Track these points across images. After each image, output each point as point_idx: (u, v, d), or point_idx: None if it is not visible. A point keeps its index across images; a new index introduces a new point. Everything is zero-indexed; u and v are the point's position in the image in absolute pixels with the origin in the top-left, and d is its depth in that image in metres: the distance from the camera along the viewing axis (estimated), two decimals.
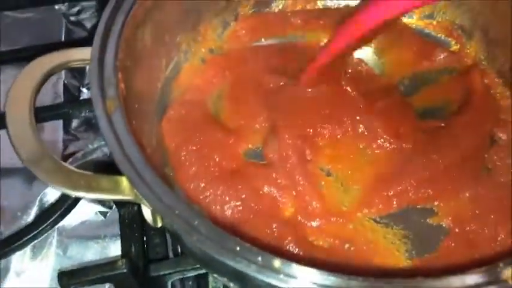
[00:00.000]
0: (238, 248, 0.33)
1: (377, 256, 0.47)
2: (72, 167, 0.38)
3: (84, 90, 0.69)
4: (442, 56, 0.61)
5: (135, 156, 0.38)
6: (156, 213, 0.38)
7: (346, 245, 0.48)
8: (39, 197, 0.57)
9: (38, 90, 0.42)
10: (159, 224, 0.41)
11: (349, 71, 0.59)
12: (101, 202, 0.58)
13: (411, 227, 0.50)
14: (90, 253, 0.56)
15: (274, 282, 0.33)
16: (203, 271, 0.49)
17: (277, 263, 0.33)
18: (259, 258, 0.33)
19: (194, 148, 0.51)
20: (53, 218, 0.53)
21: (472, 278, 0.34)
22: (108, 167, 0.58)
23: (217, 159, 0.51)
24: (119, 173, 0.38)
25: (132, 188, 0.38)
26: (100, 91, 0.40)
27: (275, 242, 0.46)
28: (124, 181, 0.38)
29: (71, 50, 0.45)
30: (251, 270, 0.33)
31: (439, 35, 0.64)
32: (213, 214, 0.48)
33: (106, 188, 0.38)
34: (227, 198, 0.49)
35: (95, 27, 0.75)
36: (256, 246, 0.34)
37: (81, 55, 0.44)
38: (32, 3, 0.73)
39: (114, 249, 0.56)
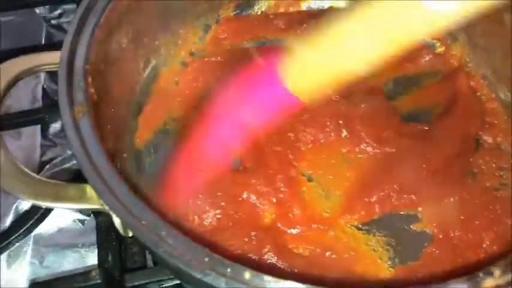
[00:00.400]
0: (206, 259, 0.32)
1: (359, 264, 0.46)
2: (37, 176, 0.37)
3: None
4: (426, 58, 0.60)
5: (102, 164, 0.36)
6: (122, 223, 0.36)
7: (327, 253, 0.46)
8: (14, 205, 0.56)
9: (4, 94, 0.40)
10: (130, 234, 0.39)
11: None
12: (78, 209, 0.57)
13: (394, 234, 0.48)
14: (68, 262, 0.54)
15: None
16: (178, 281, 0.47)
17: (247, 274, 0.32)
18: (229, 270, 0.32)
19: None
20: (28, 225, 0.52)
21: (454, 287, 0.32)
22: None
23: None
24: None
25: (98, 197, 0.36)
26: (68, 96, 0.39)
27: (254, 250, 0.45)
28: (90, 190, 0.37)
29: (43, 53, 0.43)
30: (220, 283, 0.31)
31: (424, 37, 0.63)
32: (190, 222, 0.46)
33: (73, 197, 0.36)
34: (206, 207, 0.47)
35: None
36: (233, 255, 0.32)
37: (51, 59, 0.43)
38: (13, 7, 0.72)
39: (93, 258, 0.54)
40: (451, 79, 0.57)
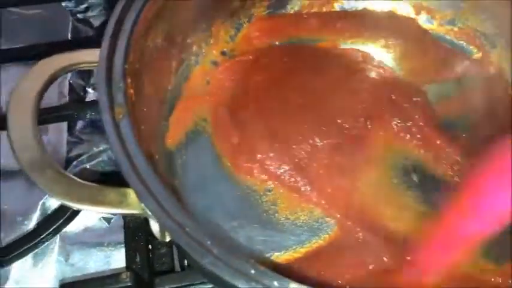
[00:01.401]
0: (252, 272, 0.31)
1: None
2: (74, 177, 0.36)
3: (90, 90, 0.67)
4: (463, 65, 0.59)
5: (143, 168, 0.36)
6: (163, 229, 0.35)
7: None
8: (41, 202, 0.55)
9: (42, 93, 0.39)
10: (168, 239, 0.38)
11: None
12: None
13: None
14: (93, 261, 0.54)
15: None
16: (210, 286, 0.47)
17: (293, 286, 0.31)
18: (275, 283, 0.31)
19: None
20: (56, 225, 0.51)
21: None
22: (114, 176, 0.57)
23: None
24: (125, 184, 0.36)
25: (140, 202, 0.35)
26: (108, 97, 0.38)
27: None
28: (131, 194, 0.36)
29: (78, 51, 0.43)
30: None
31: (460, 42, 0.61)
32: None
33: (113, 201, 0.36)
34: None
35: (102, 25, 0.74)
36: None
37: (88, 57, 0.42)
38: (39, 0, 0.71)
39: (118, 257, 0.54)
40: (490, 87, 0.56)
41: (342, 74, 0.58)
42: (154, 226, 0.38)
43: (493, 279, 0.44)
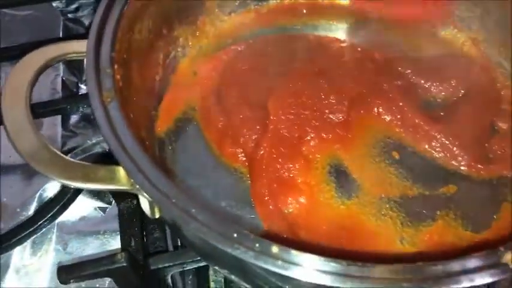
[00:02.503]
0: (235, 235, 0.33)
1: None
2: (69, 158, 0.38)
3: (83, 86, 0.69)
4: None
5: (131, 146, 0.38)
6: (153, 202, 0.37)
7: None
8: (38, 193, 0.57)
9: (33, 83, 0.41)
10: (157, 215, 0.40)
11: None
12: (100, 198, 0.58)
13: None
14: (90, 248, 0.56)
15: (272, 268, 0.33)
16: (203, 263, 0.48)
17: (275, 249, 0.33)
18: (257, 245, 0.33)
19: None
20: (52, 212, 0.53)
21: (472, 262, 0.33)
22: (106, 160, 0.59)
23: None
24: (116, 164, 0.38)
25: (129, 178, 0.37)
26: (96, 83, 0.40)
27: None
28: (121, 171, 0.38)
29: (67, 42, 0.45)
30: (249, 257, 0.32)
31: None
32: None
33: (103, 178, 0.38)
34: None
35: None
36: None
37: (76, 47, 0.44)
38: (31, 1, 0.73)
39: (114, 244, 0.56)
40: (468, 67, 0.58)
41: (325, 60, 0.60)
42: (144, 204, 0.40)
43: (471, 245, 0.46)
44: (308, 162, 0.51)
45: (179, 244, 0.53)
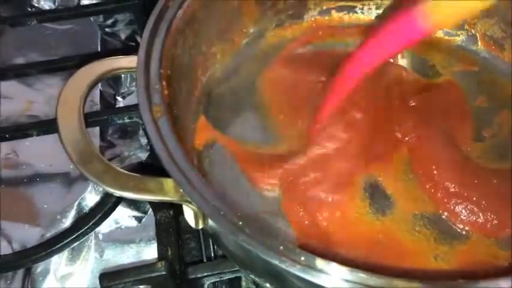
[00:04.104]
0: (282, 248, 0.34)
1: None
2: (120, 169, 0.40)
3: (119, 98, 0.72)
4: None
5: (180, 159, 0.39)
6: (201, 213, 0.39)
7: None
8: (77, 202, 0.59)
9: (86, 95, 0.43)
10: (200, 226, 0.42)
11: None
12: (136, 207, 0.60)
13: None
14: (126, 256, 0.58)
15: (316, 281, 0.34)
16: (238, 274, 0.50)
17: (319, 262, 0.34)
18: (302, 258, 0.34)
19: None
20: (92, 222, 0.55)
21: (504, 283, 0.34)
22: (144, 170, 0.61)
23: None
24: (162, 175, 0.40)
25: (177, 190, 0.39)
26: (147, 98, 0.42)
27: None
28: (169, 183, 0.40)
29: (116, 58, 0.47)
30: (295, 270, 0.34)
31: None
32: None
33: (153, 189, 0.39)
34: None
35: (128, 38, 0.79)
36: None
37: (127, 63, 0.46)
38: (70, 16, 0.76)
39: (149, 253, 0.58)
40: None
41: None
42: (189, 215, 0.41)
43: (506, 264, 0.47)
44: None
45: (213, 255, 0.55)
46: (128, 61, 0.46)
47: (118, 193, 0.39)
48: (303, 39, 0.65)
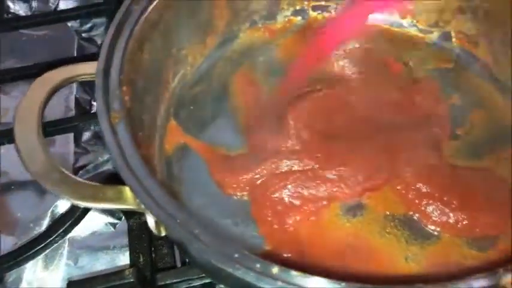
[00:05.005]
0: (236, 255, 0.34)
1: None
2: (79, 178, 0.39)
3: (95, 104, 0.71)
4: None
5: (137, 166, 0.39)
6: (158, 221, 0.38)
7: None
8: (50, 209, 0.59)
9: (45, 104, 0.43)
10: (163, 233, 0.41)
11: None
12: (110, 213, 0.59)
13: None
14: (100, 263, 0.57)
15: None
16: (207, 280, 0.49)
17: (275, 269, 0.34)
18: (258, 265, 0.33)
19: None
20: (64, 227, 0.54)
21: (473, 283, 0.33)
22: (117, 179, 0.60)
23: None
24: (123, 183, 0.40)
25: (135, 198, 0.38)
26: (105, 104, 0.42)
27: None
28: (127, 191, 0.39)
29: (78, 64, 0.46)
30: (250, 278, 0.33)
31: None
32: None
33: (111, 198, 0.39)
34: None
35: None
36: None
37: (87, 69, 0.46)
38: (46, 22, 0.76)
39: (124, 259, 0.57)
40: None
41: None
42: (150, 221, 0.41)
43: (477, 263, 0.46)
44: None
45: (187, 261, 0.54)
46: (89, 67, 0.45)
47: (76, 202, 0.38)
48: None
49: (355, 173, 0.50)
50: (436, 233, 0.49)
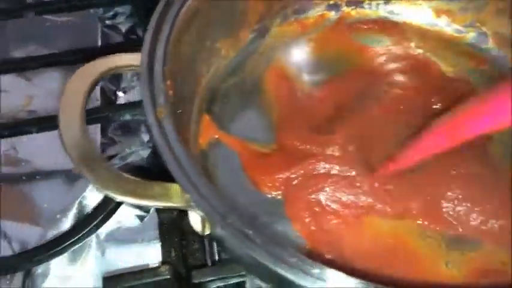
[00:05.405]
0: (294, 260, 0.33)
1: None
2: (122, 173, 0.38)
3: (120, 94, 0.70)
4: None
5: (186, 163, 0.38)
6: (209, 221, 0.38)
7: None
8: (78, 200, 0.58)
9: (89, 94, 0.42)
10: (207, 232, 0.41)
11: None
12: (138, 206, 0.58)
13: None
14: (128, 256, 0.56)
15: None
16: (243, 279, 0.49)
17: (330, 273, 0.33)
18: (316, 271, 0.33)
19: None
20: (94, 223, 0.53)
21: None
22: (145, 171, 0.60)
23: None
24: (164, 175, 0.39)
25: (183, 196, 0.38)
26: (151, 99, 0.40)
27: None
28: (174, 188, 0.38)
29: (120, 55, 0.45)
30: (307, 282, 0.33)
31: None
32: None
33: (158, 195, 0.38)
34: None
35: (129, 31, 0.77)
36: None
37: (129, 61, 0.45)
38: (70, 8, 0.74)
39: (151, 253, 0.56)
40: None
41: None
42: (194, 219, 0.40)
43: None
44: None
45: (217, 257, 0.53)
46: (131, 58, 0.44)
47: (121, 198, 0.37)
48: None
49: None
50: (476, 240, 0.48)
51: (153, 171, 0.60)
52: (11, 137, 0.61)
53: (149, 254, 0.56)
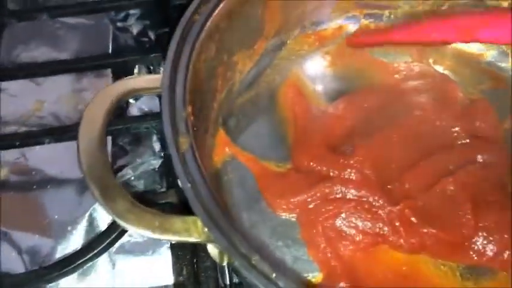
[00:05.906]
0: None
1: None
2: (143, 206, 0.38)
3: (132, 101, 0.68)
4: None
5: (206, 196, 0.37)
6: (233, 260, 0.37)
7: None
8: (88, 212, 0.58)
9: (111, 113, 0.41)
10: (225, 262, 0.40)
11: None
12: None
13: None
14: (138, 269, 0.56)
15: None
16: None
17: None
18: None
19: None
20: (107, 241, 0.53)
21: None
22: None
23: None
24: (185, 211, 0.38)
25: (203, 230, 0.37)
26: (172, 128, 0.40)
27: None
28: (195, 222, 0.38)
29: (141, 77, 0.44)
30: None
31: None
32: None
33: (179, 230, 0.37)
34: None
35: (140, 33, 0.76)
36: None
37: (150, 83, 0.44)
38: (81, 12, 0.73)
39: (161, 265, 0.56)
40: None
41: None
42: (213, 251, 0.40)
43: None
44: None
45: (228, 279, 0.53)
46: (151, 80, 0.43)
47: (141, 232, 0.37)
48: None
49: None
50: (491, 269, 0.48)
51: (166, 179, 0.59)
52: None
53: (159, 266, 0.56)
